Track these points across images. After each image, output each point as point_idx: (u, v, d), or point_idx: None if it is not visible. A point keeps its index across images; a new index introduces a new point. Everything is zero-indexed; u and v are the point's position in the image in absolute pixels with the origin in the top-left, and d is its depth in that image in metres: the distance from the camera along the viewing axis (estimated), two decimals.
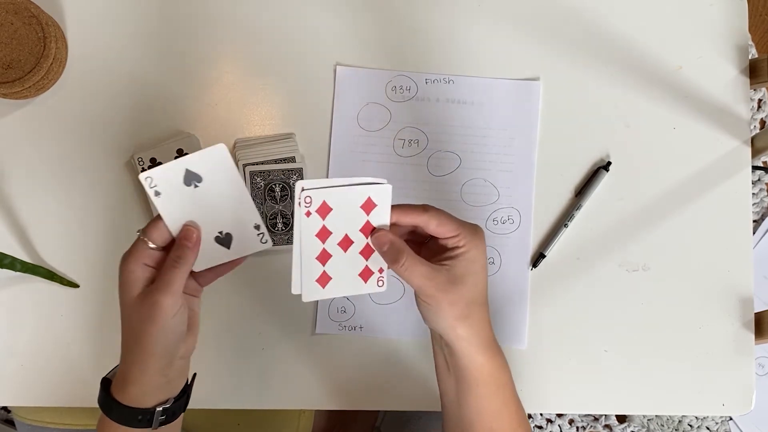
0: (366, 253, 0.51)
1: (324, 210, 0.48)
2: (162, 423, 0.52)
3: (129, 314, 0.50)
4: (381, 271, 0.52)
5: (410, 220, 0.50)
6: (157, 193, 0.49)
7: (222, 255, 0.52)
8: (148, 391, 0.51)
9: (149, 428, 0.52)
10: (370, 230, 0.50)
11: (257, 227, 0.51)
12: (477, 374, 0.52)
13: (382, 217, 0.49)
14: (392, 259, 0.49)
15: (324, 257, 0.50)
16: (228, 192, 0.50)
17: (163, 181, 0.49)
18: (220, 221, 0.51)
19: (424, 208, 0.50)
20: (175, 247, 0.50)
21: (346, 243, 0.50)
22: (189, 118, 0.72)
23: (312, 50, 0.73)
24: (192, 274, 0.52)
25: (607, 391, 0.72)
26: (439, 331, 0.52)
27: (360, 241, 0.50)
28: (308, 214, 0.47)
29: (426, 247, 0.54)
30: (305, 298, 0.51)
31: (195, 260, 0.51)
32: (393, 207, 0.50)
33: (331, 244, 0.49)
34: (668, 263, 0.72)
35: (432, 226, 0.50)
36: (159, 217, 0.50)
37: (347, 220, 0.49)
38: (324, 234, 0.49)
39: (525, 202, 0.72)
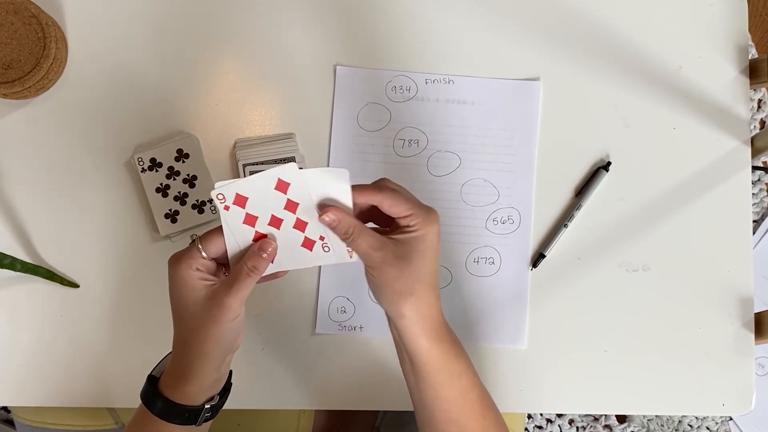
0: (300, 226, 0.53)
1: (240, 200, 0.50)
2: (205, 420, 0.54)
3: (191, 315, 0.51)
4: (322, 238, 0.53)
5: (365, 199, 0.51)
6: (226, 207, 0.51)
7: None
8: (204, 388, 0.53)
9: (192, 426, 0.53)
10: (294, 207, 0.51)
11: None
12: (425, 360, 0.52)
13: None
14: (342, 231, 0.51)
15: (260, 237, 0.53)
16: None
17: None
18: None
19: (379, 188, 0.51)
20: (250, 256, 0.51)
21: (275, 222, 0.52)
22: (189, 118, 0.72)
23: (312, 50, 0.73)
24: None
25: (607, 391, 0.72)
26: (385, 309, 0.53)
27: (288, 217, 0.52)
28: (227, 207, 0.50)
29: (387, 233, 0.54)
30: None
31: (265, 271, 0.52)
32: (351, 187, 0.51)
33: (262, 226, 0.52)
34: (668, 263, 0.72)
35: (386, 205, 0.51)
36: (219, 229, 0.51)
37: (268, 203, 0.51)
38: (250, 219, 0.51)
39: (525, 202, 0.72)
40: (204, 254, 0.51)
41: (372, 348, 0.71)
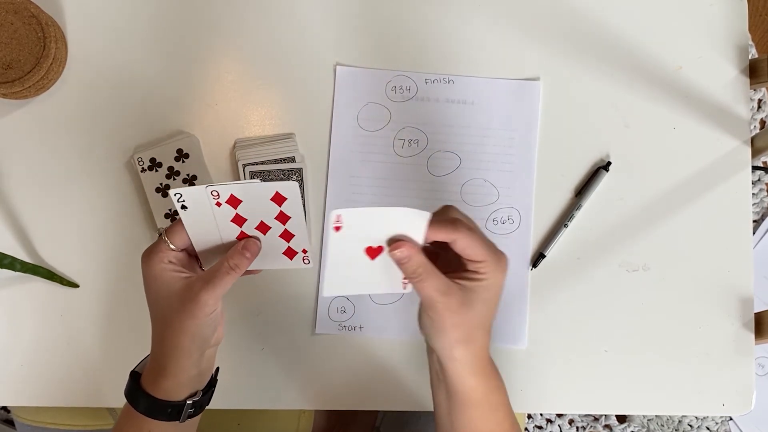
0: (287, 237, 0.53)
1: (234, 201, 0.51)
2: (189, 416, 0.53)
3: (166, 308, 0.51)
4: (305, 251, 0.54)
5: (440, 236, 0.48)
6: (183, 207, 0.50)
7: (261, 263, 0.55)
8: (182, 383, 0.52)
9: (176, 421, 0.52)
10: (285, 219, 0.52)
11: (305, 252, 0.55)
12: (468, 396, 0.51)
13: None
14: (408, 270, 0.48)
15: (243, 237, 0.53)
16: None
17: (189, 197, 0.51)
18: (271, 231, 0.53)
19: (455, 226, 0.48)
20: (234, 254, 0.51)
21: (263, 228, 0.53)
22: (189, 118, 0.72)
23: (312, 50, 0.73)
24: None
25: (607, 391, 0.72)
26: (435, 349, 0.51)
27: (277, 227, 0.53)
28: (218, 204, 0.51)
29: (442, 257, 0.52)
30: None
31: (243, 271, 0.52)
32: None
33: (249, 228, 0.52)
34: (668, 263, 0.72)
35: (460, 246, 0.48)
36: (180, 222, 0.51)
37: (260, 210, 0.51)
38: (239, 220, 0.52)
39: (525, 202, 0.72)
40: (172, 246, 0.51)
41: (372, 348, 0.71)
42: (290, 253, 0.54)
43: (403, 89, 0.72)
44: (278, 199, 0.51)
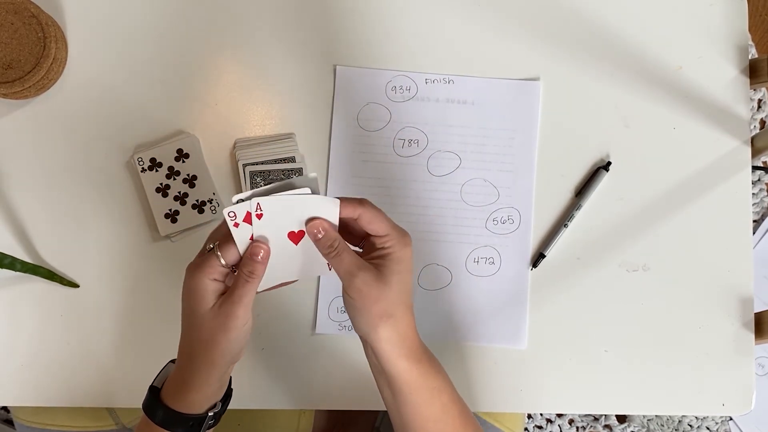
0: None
1: (249, 218, 0.51)
2: (208, 428, 0.54)
3: (200, 324, 0.51)
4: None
5: (348, 211, 0.51)
6: (237, 224, 0.51)
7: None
8: (207, 396, 0.53)
9: None
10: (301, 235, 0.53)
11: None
12: (404, 379, 0.52)
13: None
14: (325, 245, 0.51)
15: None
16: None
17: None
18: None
19: (360, 202, 0.52)
20: (245, 263, 0.51)
21: (296, 237, 0.53)
22: (189, 118, 0.72)
23: (312, 50, 0.73)
24: None
25: (607, 391, 0.72)
26: (362, 332, 0.53)
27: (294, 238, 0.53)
28: (236, 225, 0.51)
29: (360, 253, 0.54)
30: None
31: (263, 274, 0.52)
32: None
33: (281, 237, 0.53)
34: (668, 263, 0.72)
35: (365, 219, 0.51)
36: (232, 238, 0.52)
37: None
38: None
39: (525, 202, 0.72)
40: (223, 261, 0.51)
41: None
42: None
43: (403, 89, 0.72)
44: (295, 236, 0.52)
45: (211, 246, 0.52)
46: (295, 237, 0.52)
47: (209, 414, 0.53)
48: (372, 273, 0.51)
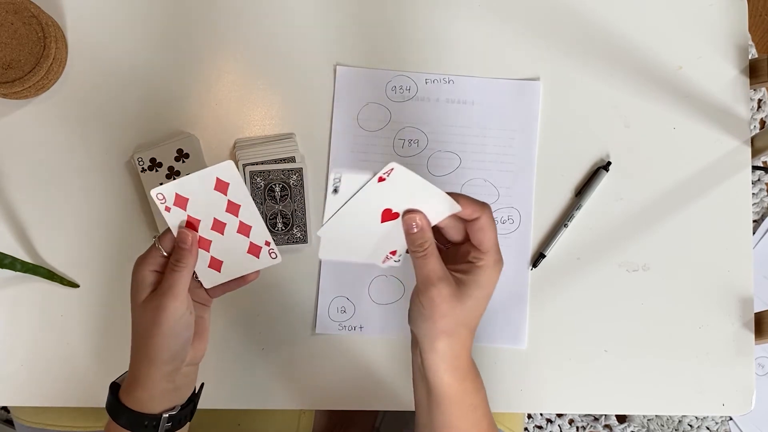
0: (244, 230, 0.52)
1: (181, 201, 0.50)
2: (168, 430, 0.53)
3: (137, 318, 0.51)
4: (268, 243, 0.53)
5: (468, 210, 0.49)
6: (167, 208, 0.50)
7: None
8: (155, 395, 0.52)
9: None
10: (236, 209, 0.51)
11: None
12: (445, 393, 0.52)
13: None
14: (415, 241, 0.49)
15: (205, 244, 0.52)
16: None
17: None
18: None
19: (483, 206, 0.50)
20: (174, 251, 0.51)
21: (219, 226, 0.51)
22: (189, 118, 0.72)
23: (312, 50, 0.73)
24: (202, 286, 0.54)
25: (607, 391, 0.72)
26: (418, 337, 0.51)
27: (231, 221, 0.51)
28: (168, 209, 0.50)
29: (444, 254, 0.53)
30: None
31: (195, 263, 0.51)
32: (456, 195, 0.49)
33: (205, 230, 0.51)
34: (668, 263, 0.72)
35: (477, 226, 0.49)
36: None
37: (208, 205, 0.50)
38: (193, 223, 0.51)
39: (525, 202, 0.72)
40: (165, 252, 0.51)
41: (372, 348, 0.71)
42: (255, 250, 0.53)
43: (403, 89, 0.72)
44: (221, 186, 0.50)
45: (154, 237, 0.52)
46: (389, 216, 0.50)
47: (164, 416, 0.52)
48: (451, 288, 0.49)
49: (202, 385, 0.57)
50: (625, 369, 0.72)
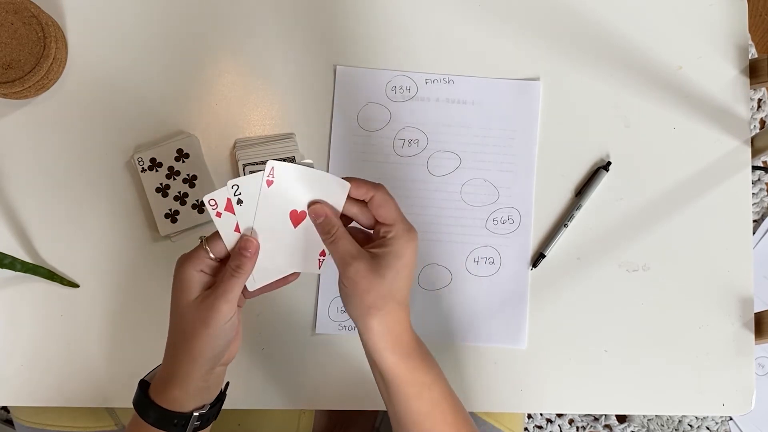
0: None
1: (231, 206, 0.51)
2: (195, 429, 0.53)
3: (183, 316, 0.51)
4: (323, 254, 0.54)
5: (361, 192, 0.51)
6: (218, 214, 0.51)
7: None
8: (190, 394, 0.52)
9: None
10: (300, 217, 0.52)
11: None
12: (393, 374, 0.52)
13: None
14: (324, 228, 0.51)
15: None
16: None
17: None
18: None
19: (375, 185, 0.52)
20: (234, 256, 0.51)
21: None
22: (189, 118, 0.72)
23: (312, 50, 0.73)
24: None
25: (607, 391, 0.72)
26: (354, 320, 0.53)
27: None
28: (219, 214, 0.51)
29: (364, 242, 0.54)
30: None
31: (252, 270, 0.52)
32: (349, 178, 0.51)
33: (254, 234, 0.52)
34: (668, 263, 0.72)
35: (374, 203, 0.51)
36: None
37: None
38: (239, 227, 0.52)
39: (525, 202, 0.72)
40: (212, 255, 0.51)
41: None
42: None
43: (403, 89, 0.72)
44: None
45: (201, 238, 0.52)
46: (297, 218, 0.52)
47: (194, 414, 0.52)
48: (366, 263, 0.50)
49: (227, 384, 0.57)
50: (625, 369, 0.72)
